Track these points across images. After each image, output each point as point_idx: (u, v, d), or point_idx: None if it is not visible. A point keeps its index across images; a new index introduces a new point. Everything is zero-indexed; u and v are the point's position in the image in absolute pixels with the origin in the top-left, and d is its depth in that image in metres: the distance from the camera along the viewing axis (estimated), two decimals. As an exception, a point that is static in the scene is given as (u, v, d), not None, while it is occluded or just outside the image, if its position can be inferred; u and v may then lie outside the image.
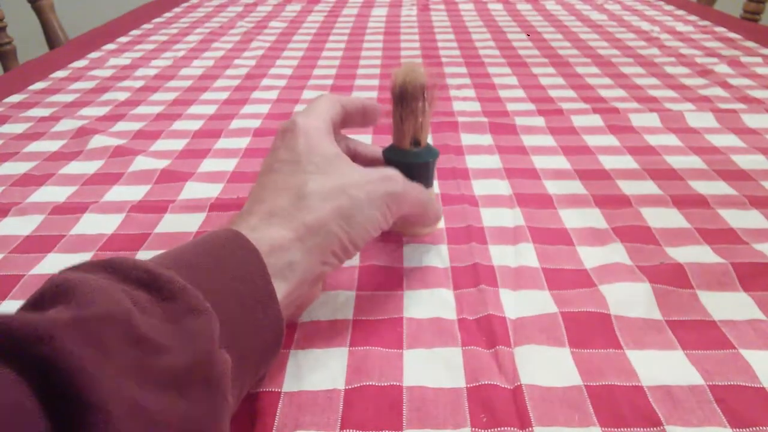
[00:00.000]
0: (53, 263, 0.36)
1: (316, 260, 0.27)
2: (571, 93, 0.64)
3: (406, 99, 0.34)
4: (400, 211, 0.31)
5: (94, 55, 0.81)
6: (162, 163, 0.49)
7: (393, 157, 0.36)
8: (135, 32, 0.93)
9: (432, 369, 0.28)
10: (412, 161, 0.36)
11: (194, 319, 0.21)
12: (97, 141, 0.53)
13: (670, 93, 0.64)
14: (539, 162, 0.48)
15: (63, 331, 0.17)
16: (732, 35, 0.85)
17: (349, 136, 0.37)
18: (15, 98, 0.65)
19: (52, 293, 0.20)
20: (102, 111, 0.61)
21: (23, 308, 0.20)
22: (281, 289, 0.25)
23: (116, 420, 0.17)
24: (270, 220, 0.27)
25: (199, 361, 0.20)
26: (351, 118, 0.35)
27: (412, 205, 0.32)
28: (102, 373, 0.17)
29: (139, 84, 0.69)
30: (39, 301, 0.20)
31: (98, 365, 0.17)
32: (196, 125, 0.57)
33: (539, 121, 0.56)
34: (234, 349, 0.22)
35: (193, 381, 0.20)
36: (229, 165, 0.49)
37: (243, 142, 0.53)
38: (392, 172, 0.31)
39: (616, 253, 0.36)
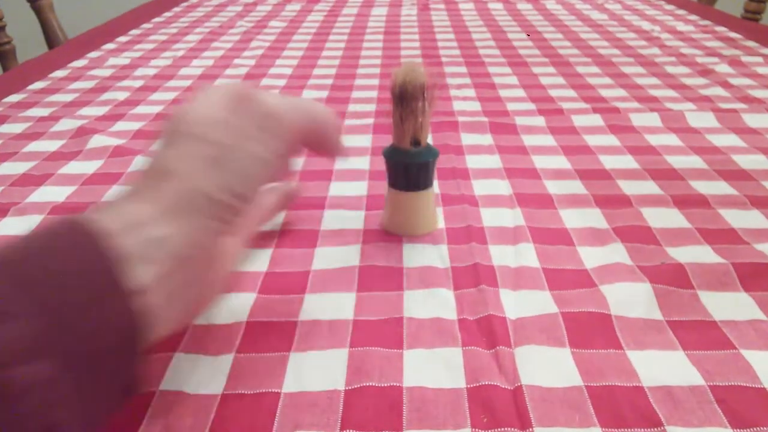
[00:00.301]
0: (53, 263, 0.36)
1: (192, 229, 0.23)
2: (572, 93, 0.64)
3: (406, 99, 0.34)
4: (287, 132, 0.26)
5: (93, 54, 0.81)
6: (162, 163, 0.49)
7: (393, 157, 0.36)
8: (134, 32, 0.93)
9: (432, 369, 0.28)
10: (412, 161, 0.36)
11: None
12: (97, 141, 0.53)
13: (671, 93, 0.64)
14: (539, 162, 0.48)
15: None
16: (733, 35, 0.85)
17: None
18: (14, 98, 0.65)
19: None
20: (101, 111, 0.61)
21: None
22: (149, 272, 0.21)
23: None
24: (127, 200, 0.23)
25: None
26: None
27: (298, 120, 0.27)
28: None
29: (138, 84, 0.69)
30: None
31: None
32: (195, 125, 0.57)
33: (539, 121, 0.56)
34: (62, 355, 0.18)
35: None
36: (229, 165, 0.49)
37: (243, 142, 0.53)
38: (254, 92, 0.26)
39: (616, 253, 0.36)
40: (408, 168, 0.36)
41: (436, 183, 0.43)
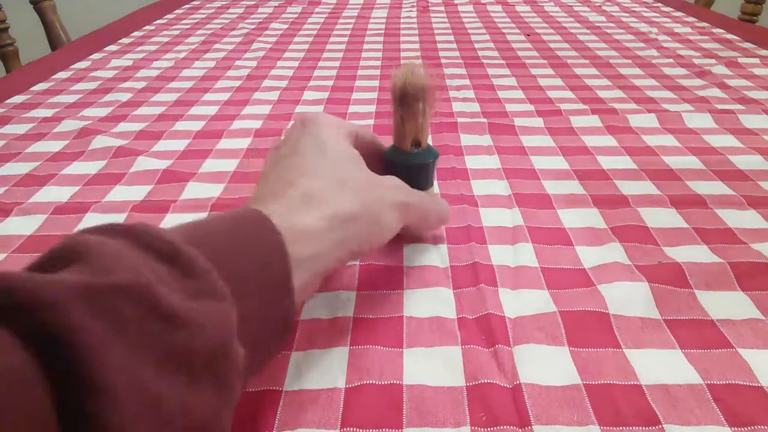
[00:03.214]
0: (56, 263, 0.37)
1: (337, 254, 0.27)
2: (570, 94, 0.64)
3: (406, 100, 0.34)
4: (408, 220, 0.32)
5: (96, 56, 0.81)
6: (164, 164, 0.49)
7: (394, 158, 0.37)
8: (137, 33, 0.94)
9: (432, 368, 0.28)
10: (412, 162, 0.36)
11: (215, 305, 0.19)
12: (100, 141, 0.53)
13: (668, 94, 0.64)
14: (538, 162, 0.49)
15: (71, 299, 0.16)
16: (730, 36, 0.86)
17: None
18: (17, 99, 0.65)
19: (66, 255, 0.18)
20: (104, 112, 0.61)
21: (30, 268, 0.18)
22: (297, 279, 0.24)
23: (122, 405, 0.15)
24: (302, 206, 0.26)
25: (216, 351, 0.19)
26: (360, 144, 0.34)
27: (418, 215, 0.34)
28: (111, 352, 0.16)
29: (141, 85, 0.69)
30: (49, 263, 0.18)
31: (108, 343, 0.16)
32: (197, 126, 0.57)
33: (538, 122, 0.57)
34: (246, 340, 0.21)
35: (206, 370, 0.18)
36: (231, 165, 0.49)
37: (244, 143, 0.53)
38: (401, 182, 0.32)
39: (614, 252, 0.37)
40: (409, 169, 0.36)
41: (436, 183, 0.44)
